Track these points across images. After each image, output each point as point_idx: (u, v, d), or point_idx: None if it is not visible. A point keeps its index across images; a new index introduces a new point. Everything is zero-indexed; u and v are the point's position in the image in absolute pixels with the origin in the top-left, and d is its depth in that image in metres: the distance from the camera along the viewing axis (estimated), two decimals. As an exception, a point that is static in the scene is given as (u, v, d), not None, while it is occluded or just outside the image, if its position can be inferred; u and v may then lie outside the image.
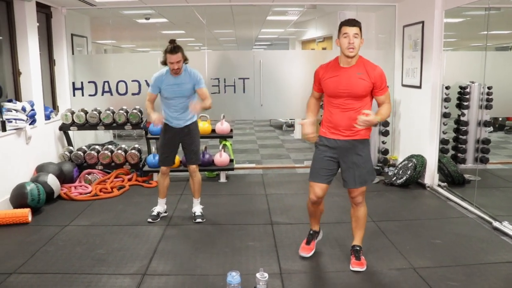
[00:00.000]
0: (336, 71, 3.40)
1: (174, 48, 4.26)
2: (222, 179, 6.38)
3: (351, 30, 3.25)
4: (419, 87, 5.94)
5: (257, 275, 2.89)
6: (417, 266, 3.61)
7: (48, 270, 3.59)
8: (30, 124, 5.52)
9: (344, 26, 3.29)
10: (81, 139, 7.07)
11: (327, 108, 3.50)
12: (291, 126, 11.73)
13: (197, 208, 4.79)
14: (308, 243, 3.87)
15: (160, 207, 4.82)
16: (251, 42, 14.61)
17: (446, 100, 6.18)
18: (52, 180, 5.31)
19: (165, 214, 4.88)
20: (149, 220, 4.67)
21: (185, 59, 4.38)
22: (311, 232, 3.90)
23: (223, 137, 6.55)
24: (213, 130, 6.53)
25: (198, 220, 4.65)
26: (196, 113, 4.49)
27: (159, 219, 4.72)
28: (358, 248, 3.65)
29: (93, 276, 3.49)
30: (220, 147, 6.43)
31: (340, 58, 3.42)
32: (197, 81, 4.44)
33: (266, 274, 2.89)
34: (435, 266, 3.61)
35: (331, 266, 3.64)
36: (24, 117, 5.35)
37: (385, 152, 6.69)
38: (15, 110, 5.24)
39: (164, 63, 4.38)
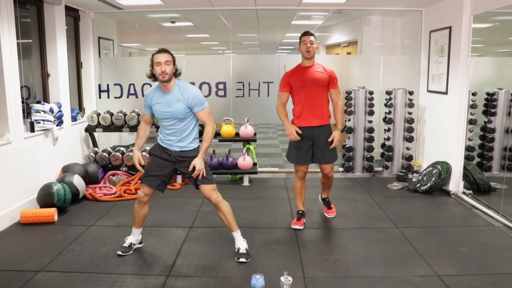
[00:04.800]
0: (301, 70, 4.45)
1: (162, 48, 3.60)
2: (245, 182, 6.40)
3: (308, 39, 4.35)
4: (445, 93, 5.88)
5: (282, 278, 2.90)
6: (441, 273, 3.56)
7: (74, 269, 3.65)
8: (57, 125, 5.62)
9: (303, 36, 4.39)
10: (106, 140, 7.18)
11: (297, 104, 4.44)
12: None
13: (242, 244, 3.91)
14: (298, 220, 4.62)
15: (133, 237, 4.03)
16: (274, 46, 14.63)
17: (473, 106, 6.10)
18: (77, 181, 5.39)
19: (140, 245, 4.11)
20: (119, 252, 3.92)
21: (177, 71, 3.65)
22: (300, 212, 4.67)
23: (247, 141, 6.57)
24: (237, 134, 6.55)
25: (242, 259, 3.76)
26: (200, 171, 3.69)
27: (131, 252, 3.97)
28: (328, 199, 4.97)
29: (118, 276, 3.54)
30: (244, 150, 6.45)
31: (302, 61, 4.48)
32: (194, 103, 3.62)
33: (290, 278, 2.89)
34: (460, 274, 3.55)
35: (355, 271, 3.62)
36: (52, 118, 5.44)
37: (409, 158, 6.63)
38: (43, 111, 5.33)
39: (152, 75, 3.63)
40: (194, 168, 3.68)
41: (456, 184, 5.73)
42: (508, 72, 5.82)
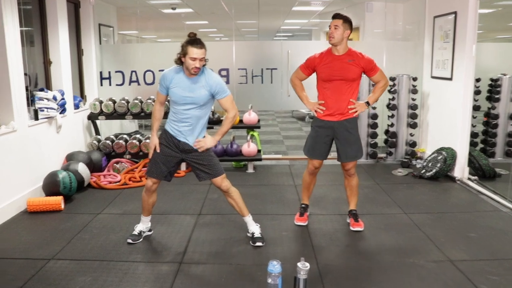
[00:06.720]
0: (329, 58, 3.95)
1: (199, 40, 3.47)
2: (250, 169, 6.38)
3: (332, 23, 3.86)
4: (450, 79, 5.85)
5: (299, 264, 2.88)
6: (454, 259, 3.57)
7: (85, 257, 3.63)
8: (60, 113, 5.57)
9: (332, 20, 3.90)
10: (107, 128, 7.13)
11: (321, 93, 4.05)
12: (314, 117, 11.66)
13: (255, 228, 3.92)
14: (301, 215, 4.38)
15: (142, 225, 4.02)
16: (272, 33, 14.54)
17: (476, 92, 6.10)
18: (82, 169, 5.36)
19: (150, 233, 4.10)
20: (129, 241, 3.90)
21: (205, 60, 3.58)
22: (303, 205, 4.43)
23: (251, 128, 6.54)
24: (241, 121, 6.52)
25: (258, 243, 3.82)
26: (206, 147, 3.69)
27: (141, 239, 3.96)
28: (354, 211, 4.31)
29: (130, 263, 3.52)
30: (248, 137, 6.42)
31: (332, 48, 3.96)
32: (217, 91, 3.58)
33: (307, 264, 2.87)
34: (472, 259, 3.57)
35: (368, 257, 3.63)
36: (55, 106, 5.39)
37: (413, 144, 6.63)
38: (46, 99, 5.28)
39: (180, 60, 3.56)
40: (201, 157, 3.69)
41: (461, 170, 5.74)
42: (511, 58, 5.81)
